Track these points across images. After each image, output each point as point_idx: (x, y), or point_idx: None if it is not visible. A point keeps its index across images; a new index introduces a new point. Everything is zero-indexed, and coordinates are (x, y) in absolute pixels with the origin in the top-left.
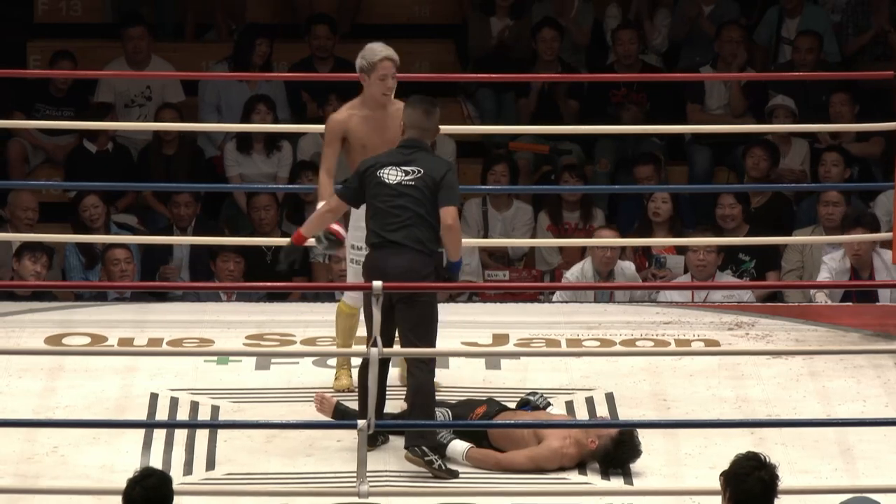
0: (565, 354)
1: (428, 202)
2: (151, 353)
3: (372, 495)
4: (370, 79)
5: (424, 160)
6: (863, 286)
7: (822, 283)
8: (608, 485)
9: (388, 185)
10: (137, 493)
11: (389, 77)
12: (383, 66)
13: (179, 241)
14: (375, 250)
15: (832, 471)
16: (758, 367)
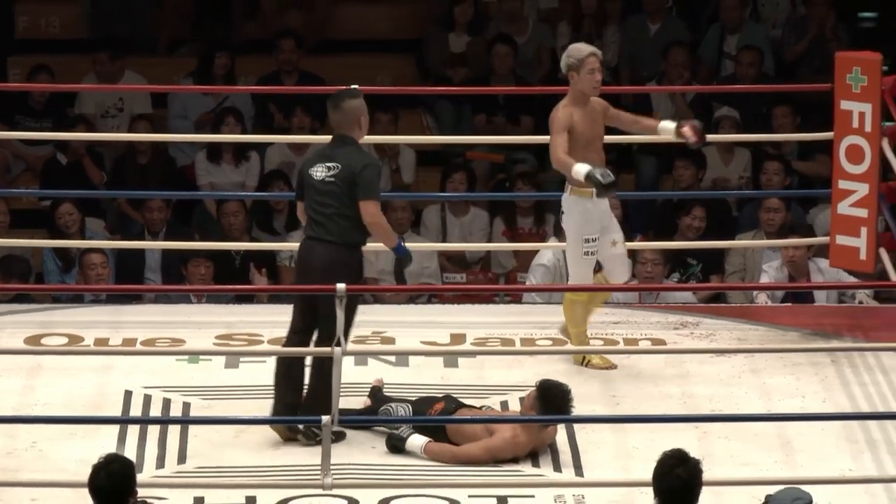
0: (519, 353)
1: (346, 196)
2: (126, 352)
3: (335, 487)
4: (579, 75)
5: (345, 155)
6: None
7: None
8: (560, 476)
9: (314, 181)
10: (102, 479)
11: (597, 70)
12: (590, 62)
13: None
14: (303, 243)
15: (772, 463)
16: (702, 365)
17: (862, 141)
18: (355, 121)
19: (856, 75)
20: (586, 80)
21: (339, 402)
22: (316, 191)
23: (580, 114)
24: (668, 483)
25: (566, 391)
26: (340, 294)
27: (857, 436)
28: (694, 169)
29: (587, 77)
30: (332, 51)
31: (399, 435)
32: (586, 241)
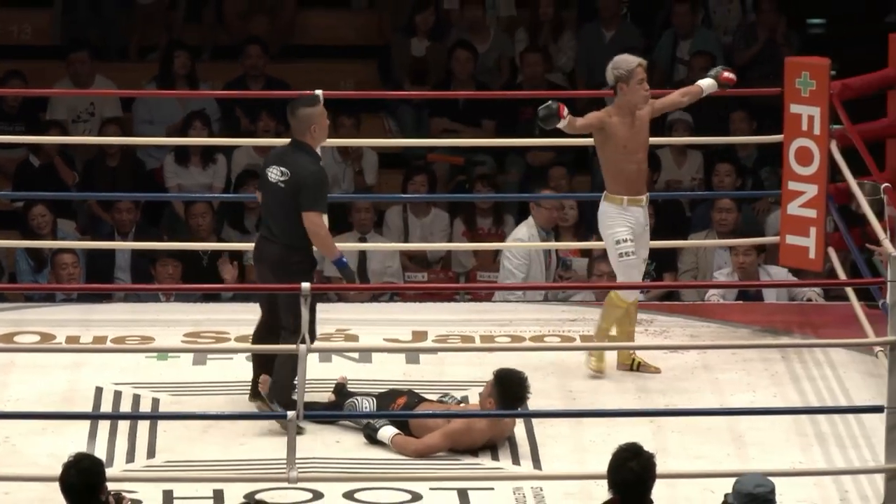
0: (479, 350)
1: (293, 202)
2: (96, 349)
3: (301, 480)
4: (629, 85)
5: (295, 162)
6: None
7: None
8: (518, 469)
9: (269, 182)
10: (72, 477)
11: (645, 80)
12: (639, 72)
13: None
14: (257, 240)
15: (725, 456)
16: (656, 361)
17: (811, 143)
18: (307, 128)
19: (805, 80)
20: (636, 91)
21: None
22: (270, 192)
23: (621, 122)
24: (622, 476)
25: (523, 378)
26: (305, 293)
27: (807, 429)
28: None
29: (636, 87)
30: (297, 57)
31: (373, 425)
32: (618, 243)
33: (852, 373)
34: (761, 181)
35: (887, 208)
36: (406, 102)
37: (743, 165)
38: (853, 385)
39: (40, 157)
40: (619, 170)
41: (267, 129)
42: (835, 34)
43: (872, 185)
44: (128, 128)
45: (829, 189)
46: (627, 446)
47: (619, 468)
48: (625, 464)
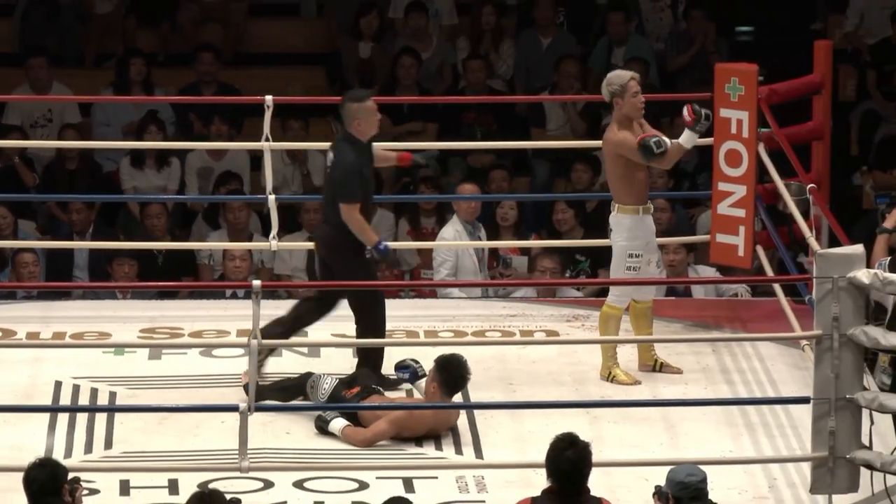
0: (423, 344)
1: (332, 190)
2: (56, 345)
3: (252, 470)
4: (624, 99)
5: (339, 152)
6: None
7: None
8: (461, 458)
9: (325, 168)
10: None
11: (639, 92)
12: (632, 85)
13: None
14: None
15: (658, 445)
16: (592, 355)
17: (740, 146)
18: (352, 122)
19: (734, 85)
20: (631, 104)
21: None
22: (324, 176)
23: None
24: (559, 464)
25: (462, 362)
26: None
27: (737, 420)
28: (591, 173)
29: (631, 101)
30: (249, 63)
31: (325, 417)
32: (629, 257)
33: (780, 365)
34: (698, 186)
35: (813, 208)
36: None
37: (682, 170)
38: (781, 377)
39: (1, 160)
40: (631, 181)
41: (219, 133)
42: (762, 41)
43: (799, 185)
44: (85, 132)
45: (758, 189)
46: (564, 436)
47: (556, 457)
48: (561, 453)
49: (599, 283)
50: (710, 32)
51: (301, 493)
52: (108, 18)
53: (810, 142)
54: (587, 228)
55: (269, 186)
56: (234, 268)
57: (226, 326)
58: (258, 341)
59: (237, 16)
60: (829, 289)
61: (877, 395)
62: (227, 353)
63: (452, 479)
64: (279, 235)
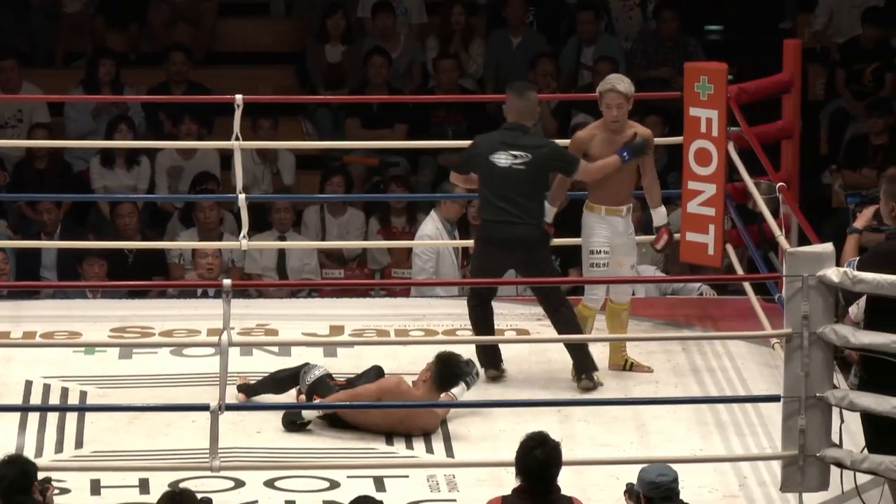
0: (393, 343)
1: (538, 181)
2: (26, 344)
3: (223, 469)
4: (601, 105)
5: (529, 145)
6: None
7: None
8: (432, 457)
9: (499, 167)
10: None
11: (614, 107)
12: (608, 97)
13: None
14: (495, 225)
15: (629, 444)
16: (563, 353)
17: (709, 145)
18: (535, 110)
19: (703, 84)
20: (604, 113)
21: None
22: (502, 177)
23: (602, 137)
24: (528, 463)
25: (461, 363)
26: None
27: (707, 418)
28: None
29: (605, 110)
30: (218, 63)
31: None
32: (591, 253)
33: (750, 364)
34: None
35: (782, 206)
36: (324, 106)
37: None
38: (751, 375)
39: None
40: (597, 182)
41: (189, 132)
42: (731, 40)
43: (768, 184)
44: (55, 132)
45: (727, 188)
46: (533, 435)
47: (526, 456)
48: (531, 452)
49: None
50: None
51: (272, 493)
52: (77, 18)
53: (780, 140)
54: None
55: (239, 185)
56: (206, 265)
57: (196, 325)
58: (227, 340)
59: (207, 15)
60: (798, 287)
61: (846, 394)
62: (197, 353)
63: (424, 478)
64: (249, 234)
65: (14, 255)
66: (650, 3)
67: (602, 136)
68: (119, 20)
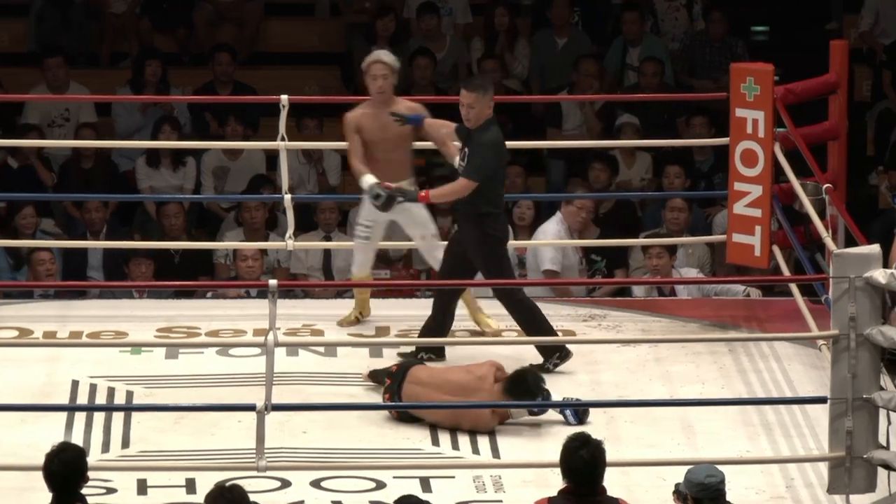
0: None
1: None
2: (72, 344)
3: (269, 469)
4: (367, 78)
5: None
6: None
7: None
8: (478, 458)
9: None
10: (56, 465)
11: (380, 77)
12: (374, 68)
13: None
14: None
15: (675, 445)
16: (609, 354)
17: (756, 146)
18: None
19: (750, 85)
20: (371, 86)
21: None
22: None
23: (371, 117)
24: (573, 464)
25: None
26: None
27: (754, 419)
28: (608, 172)
29: (371, 83)
30: (264, 63)
31: None
32: (358, 226)
33: (797, 365)
34: (714, 186)
35: (829, 208)
36: None
37: (697, 170)
38: (797, 377)
39: (18, 160)
40: (372, 158)
41: (235, 133)
42: (778, 41)
43: (815, 185)
44: (102, 132)
45: (774, 189)
46: (576, 436)
47: (570, 457)
48: (575, 452)
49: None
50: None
51: (318, 493)
52: (123, 18)
53: (826, 142)
54: (603, 228)
55: (284, 185)
56: (246, 268)
57: (242, 326)
58: (274, 340)
59: (252, 16)
60: (845, 288)
61: (894, 395)
62: (243, 353)
63: (470, 479)
64: (295, 235)
65: (61, 255)
66: (696, 4)
67: (370, 111)
68: (165, 21)
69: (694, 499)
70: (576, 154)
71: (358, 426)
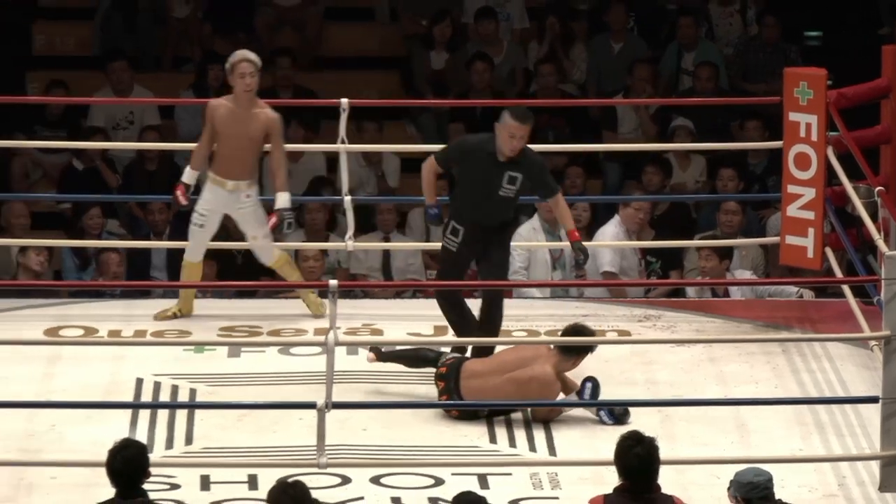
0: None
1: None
2: (137, 343)
3: (330, 466)
4: (233, 76)
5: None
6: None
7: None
8: (535, 456)
9: None
10: (118, 462)
11: (247, 75)
12: (241, 66)
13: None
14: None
15: (729, 443)
16: (664, 354)
17: (809, 149)
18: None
19: (803, 89)
20: (237, 83)
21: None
22: None
23: (229, 111)
24: (628, 461)
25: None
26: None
27: (807, 419)
28: (661, 175)
29: (238, 80)
30: (324, 67)
31: None
32: (195, 213)
33: (849, 365)
34: (768, 189)
35: (881, 210)
36: (427, 110)
37: (751, 173)
38: (850, 377)
39: (84, 162)
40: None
41: (296, 136)
42: (830, 46)
43: (867, 188)
44: (166, 134)
45: (827, 192)
46: (630, 434)
47: (625, 455)
48: (630, 450)
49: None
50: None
51: (378, 489)
52: (185, 23)
53: (878, 145)
54: (658, 230)
55: (344, 188)
56: (308, 268)
57: (303, 325)
58: (334, 339)
59: (313, 21)
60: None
61: None
62: (304, 352)
63: (526, 476)
64: (355, 236)
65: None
66: (750, 10)
67: (230, 106)
68: (226, 26)
69: (744, 499)
70: (631, 157)
71: (416, 424)
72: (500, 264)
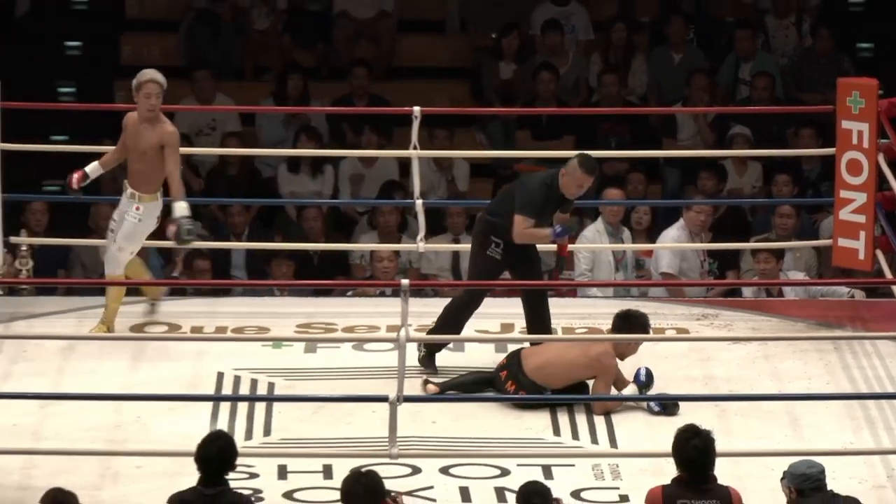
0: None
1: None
2: (218, 338)
3: (401, 457)
4: (138, 95)
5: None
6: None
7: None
8: (597, 448)
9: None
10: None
11: (154, 96)
12: (148, 87)
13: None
14: None
15: (783, 437)
16: (720, 351)
17: (860, 156)
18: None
19: (855, 98)
20: (142, 103)
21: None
22: None
23: (134, 124)
24: (686, 453)
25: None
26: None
27: (857, 413)
28: (716, 180)
29: (143, 100)
30: (398, 77)
31: None
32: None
33: None
34: (821, 193)
35: None
36: (496, 118)
37: (805, 178)
38: None
39: None
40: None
41: (370, 142)
42: (882, 57)
43: None
44: (247, 140)
45: (877, 197)
46: (687, 427)
47: (683, 446)
48: (687, 442)
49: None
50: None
51: (446, 479)
52: (266, 35)
53: None
54: (715, 232)
55: (416, 191)
56: (382, 268)
57: (376, 322)
58: (406, 336)
59: (387, 33)
60: None
61: None
62: (377, 348)
63: (589, 467)
64: (426, 237)
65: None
66: (805, 22)
67: (135, 121)
68: (305, 38)
69: (797, 490)
70: (690, 163)
71: (483, 417)
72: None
